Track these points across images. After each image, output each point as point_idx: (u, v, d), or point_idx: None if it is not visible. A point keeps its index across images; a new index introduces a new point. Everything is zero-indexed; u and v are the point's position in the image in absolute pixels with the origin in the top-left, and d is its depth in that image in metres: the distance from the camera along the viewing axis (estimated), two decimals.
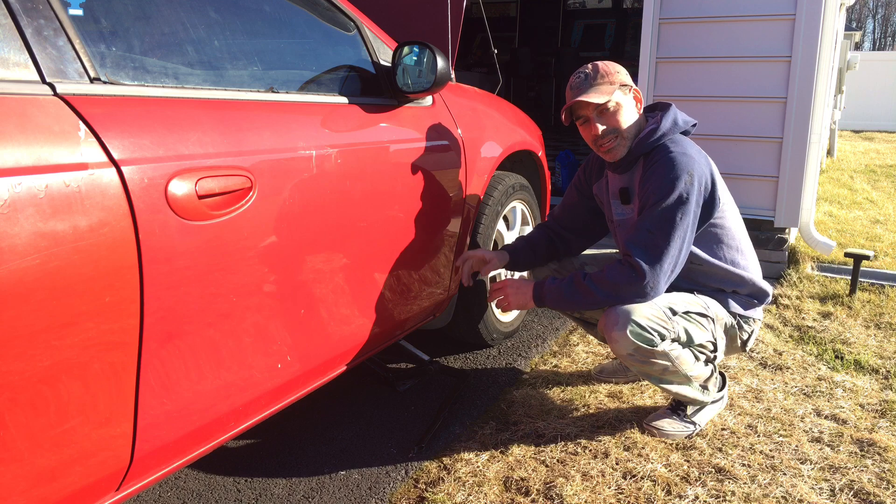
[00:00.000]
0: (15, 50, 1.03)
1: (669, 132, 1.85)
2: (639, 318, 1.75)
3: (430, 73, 1.87)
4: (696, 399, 1.94)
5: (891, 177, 7.26)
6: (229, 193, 1.30)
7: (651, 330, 1.76)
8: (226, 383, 1.38)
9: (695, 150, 1.85)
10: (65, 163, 1.02)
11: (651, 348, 1.77)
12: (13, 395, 0.98)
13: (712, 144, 3.55)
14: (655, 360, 1.80)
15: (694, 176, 1.77)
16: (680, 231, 1.76)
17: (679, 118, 1.89)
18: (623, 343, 1.77)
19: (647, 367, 1.82)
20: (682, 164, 1.77)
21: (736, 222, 1.94)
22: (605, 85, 1.83)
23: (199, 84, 1.36)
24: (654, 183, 1.79)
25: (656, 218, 1.77)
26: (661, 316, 1.78)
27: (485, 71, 7.57)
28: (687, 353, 1.85)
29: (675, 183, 1.76)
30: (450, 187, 2.09)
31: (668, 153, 1.80)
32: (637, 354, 1.79)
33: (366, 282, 1.77)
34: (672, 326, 1.79)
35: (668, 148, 1.82)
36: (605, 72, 1.85)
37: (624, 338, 1.76)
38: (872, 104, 14.48)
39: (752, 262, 1.98)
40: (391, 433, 2.01)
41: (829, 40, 3.27)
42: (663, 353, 1.79)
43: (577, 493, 1.69)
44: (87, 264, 1.05)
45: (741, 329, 1.96)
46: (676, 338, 1.81)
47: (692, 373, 1.87)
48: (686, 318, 1.83)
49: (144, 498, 1.71)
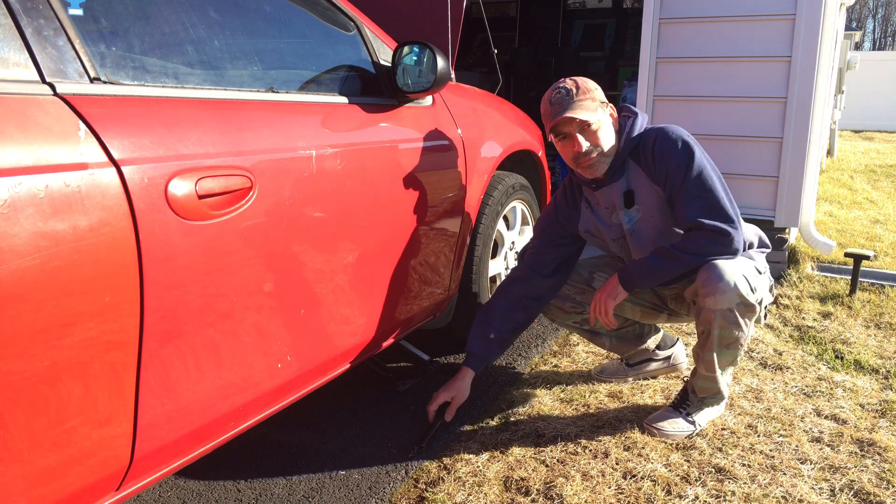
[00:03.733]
0: (15, 50, 1.03)
1: (646, 123, 1.93)
2: (740, 273, 1.78)
3: (430, 73, 1.87)
4: (722, 392, 1.96)
5: (891, 177, 7.26)
6: (229, 193, 1.30)
7: (753, 284, 1.80)
8: (226, 383, 1.38)
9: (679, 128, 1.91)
10: (65, 163, 1.02)
11: (753, 303, 1.79)
12: (13, 395, 0.98)
13: (712, 144, 3.55)
14: (748, 320, 1.82)
15: (687, 138, 1.85)
16: (720, 183, 1.83)
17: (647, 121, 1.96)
18: (729, 296, 1.76)
19: (732, 330, 1.82)
20: (676, 135, 1.84)
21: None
22: (588, 101, 1.83)
23: (199, 84, 1.36)
24: (670, 159, 1.83)
25: (696, 185, 1.81)
26: (753, 274, 1.83)
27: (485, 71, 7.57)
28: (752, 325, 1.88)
29: (686, 148, 1.82)
30: (450, 187, 2.09)
31: (658, 131, 1.87)
32: (738, 310, 1.79)
33: (366, 282, 1.77)
34: (762, 283, 1.84)
35: (652, 133, 1.87)
36: (585, 88, 1.84)
37: (731, 289, 1.76)
38: (872, 104, 14.48)
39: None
40: (391, 433, 2.01)
41: (829, 40, 3.27)
42: (755, 312, 1.82)
43: (577, 493, 1.69)
44: (87, 264, 1.05)
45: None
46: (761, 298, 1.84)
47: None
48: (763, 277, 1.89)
49: (144, 498, 1.71)
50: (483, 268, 2.41)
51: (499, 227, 2.51)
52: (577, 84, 1.85)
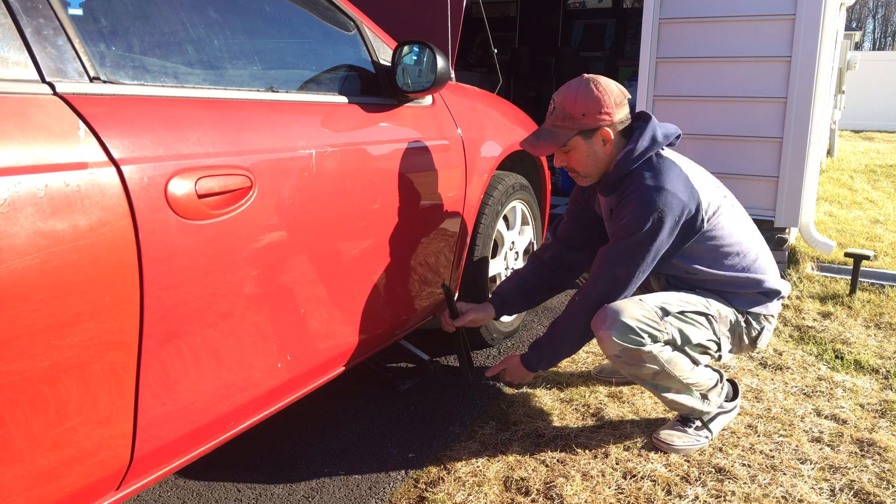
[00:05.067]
0: (14, 49, 1.03)
1: (646, 152, 1.77)
2: (627, 318, 1.72)
3: (429, 73, 1.87)
4: (695, 409, 1.87)
5: (891, 177, 7.26)
6: (229, 193, 1.30)
7: (640, 331, 1.72)
8: (226, 383, 1.38)
9: (673, 175, 1.75)
10: (64, 162, 1.02)
11: (638, 349, 1.72)
12: (13, 395, 0.98)
13: (712, 144, 3.55)
14: (644, 363, 1.75)
15: (665, 212, 1.71)
16: (644, 264, 1.77)
17: (658, 133, 1.80)
18: (609, 343, 1.74)
19: (636, 370, 1.78)
20: (652, 201, 1.72)
21: (735, 225, 1.86)
22: (563, 131, 1.79)
23: (199, 83, 1.36)
24: (624, 216, 1.76)
25: (619, 253, 1.78)
26: (651, 316, 1.74)
27: (485, 71, 7.57)
28: (681, 358, 1.79)
29: (642, 222, 1.72)
30: (450, 187, 2.09)
31: (640, 186, 1.75)
32: (624, 356, 1.75)
33: (365, 281, 1.77)
34: (664, 327, 1.75)
35: (643, 179, 1.75)
36: (569, 114, 1.78)
37: (609, 338, 1.73)
38: (872, 104, 14.48)
39: (759, 262, 1.88)
40: (391, 433, 2.01)
41: (829, 40, 3.27)
42: (651, 356, 1.74)
43: (577, 493, 1.69)
44: (87, 264, 1.04)
45: (749, 326, 1.89)
46: (670, 340, 1.76)
47: (690, 380, 1.81)
48: (680, 318, 1.78)
49: (144, 498, 1.71)
50: (483, 267, 2.40)
51: (499, 227, 2.50)
52: (564, 109, 1.78)
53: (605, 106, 1.77)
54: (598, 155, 1.82)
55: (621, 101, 1.80)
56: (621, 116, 1.80)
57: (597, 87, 1.77)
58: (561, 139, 1.80)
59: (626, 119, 1.83)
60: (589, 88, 1.77)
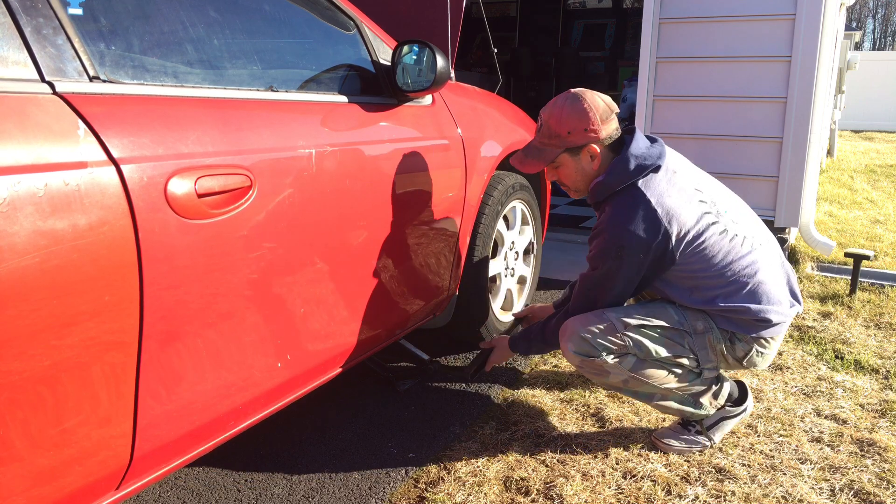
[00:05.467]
0: (14, 48, 1.03)
1: (620, 181, 1.75)
2: (584, 331, 1.76)
3: (429, 72, 1.87)
4: (686, 412, 1.85)
5: (891, 177, 7.27)
6: (229, 192, 1.29)
7: (594, 344, 1.75)
8: (225, 382, 1.38)
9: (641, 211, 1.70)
10: (64, 161, 1.02)
11: (593, 360, 1.76)
12: (13, 394, 0.98)
13: (712, 144, 3.55)
14: (608, 373, 1.77)
15: (626, 249, 1.71)
16: (614, 292, 1.80)
17: (633, 163, 1.74)
18: (569, 355, 1.80)
19: (603, 379, 1.81)
20: (615, 238, 1.72)
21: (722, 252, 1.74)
22: (550, 149, 1.80)
23: (199, 83, 1.36)
24: (591, 249, 1.81)
25: (590, 282, 1.84)
26: (607, 329, 1.76)
27: (485, 71, 7.57)
28: (652, 366, 1.78)
29: (605, 257, 1.75)
30: (449, 186, 2.09)
31: (609, 219, 1.75)
32: (585, 367, 1.79)
33: (365, 281, 1.77)
34: (619, 339, 1.75)
35: (614, 211, 1.75)
36: (555, 132, 1.78)
37: (568, 350, 1.79)
38: (872, 104, 14.49)
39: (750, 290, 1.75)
40: (391, 433, 2.00)
41: (829, 40, 3.27)
42: (612, 366, 1.76)
43: (577, 493, 1.69)
44: (87, 263, 1.04)
45: (733, 345, 1.79)
46: (629, 351, 1.76)
47: (668, 385, 1.80)
48: (641, 332, 1.76)
49: (144, 497, 1.70)
50: (483, 267, 2.40)
51: (499, 227, 2.50)
52: (551, 127, 1.78)
53: (591, 123, 1.75)
54: (587, 170, 1.83)
55: (608, 116, 1.78)
56: (609, 131, 1.78)
57: (582, 104, 1.75)
58: (548, 157, 1.81)
59: (614, 133, 1.80)
60: (575, 105, 1.76)
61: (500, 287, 2.61)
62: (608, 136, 1.79)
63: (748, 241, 1.78)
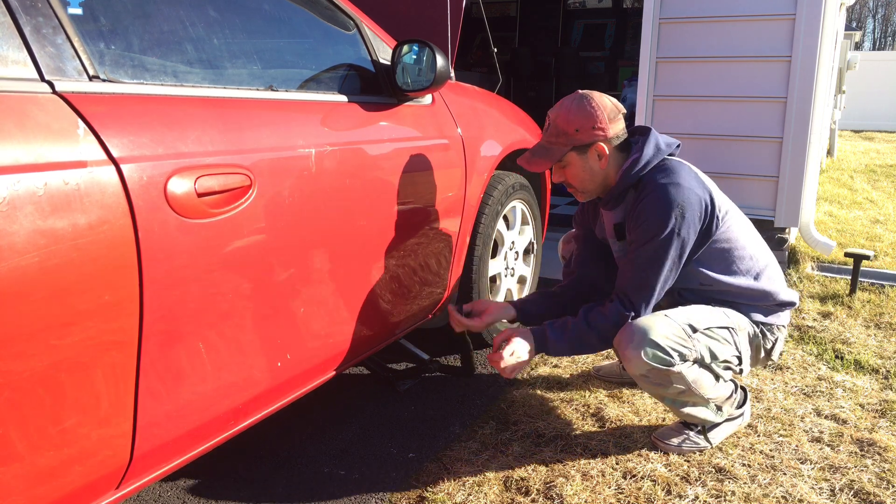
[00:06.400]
0: (14, 48, 1.03)
1: (654, 158, 1.78)
2: (656, 336, 1.67)
3: (429, 72, 1.87)
4: (708, 420, 1.85)
5: (891, 177, 7.27)
6: (228, 192, 1.29)
7: (670, 350, 1.67)
8: (225, 382, 1.38)
9: (685, 172, 1.76)
10: (64, 161, 1.02)
11: (667, 369, 1.68)
12: (13, 394, 0.98)
13: (712, 144, 3.55)
14: (672, 383, 1.72)
15: (686, 207, 1.71)
16: (668, 267, 1.75)
17: (661, 142, 1.81)
18: (637, 363, 1.69)
19: (661, 390, 1.75)
20: (671, 198, 1.71)
21: (742, 229, 1.85)
22: (558, 147, 1.80)
23: (199, 82, 1.36)
24: (644, 219, 1.74)
25: (646, 258, 1.75)
26: (680, 334, 1.70)
27: (485, 71, 7.57)
28: (706, 375, 1.76)
29: (665, 220, 1.71)
30: (449, 186, 2.09)
31: (656, 186, 1.74)
32: (651, 376, 1.70)
33: (365, 280, 1.77)
34: (693, 345, 1.71)
35: (657, 179, 1.75)
36: (563, 130, 1.78)
37: (638, 358, 1.67)
38: (872, 104, 14.49)
39: (769, 270, 1.86)
40: (391, 433, 2.00)
41: (829, 40, 3.27)
42: (680, 376, 1.70)
43: (577, 493, 1.69)
44: (87, 263, 1.04)
45: (765, 338, 1.86)
46: (699, 358, 1.72)
47: (711, 395, 1.79)
48: (708, 335, 1.74)
49: (144, 497, 1.70)
50: (483, 267, 2.40)
51: (499, 227, 2.50)
52: (558, 125, 1.79)
53: (598, 121, 1.77)
54: (594, 170, 1.82)
55: (615, 115, 1.79)
56: (616, 131, 1.80)
57: (590, 102, 1.78)
58: (555, 155, 1.81)
59: (621, 133, 1.82)
60: (582, 104, 1.78)
61: (500, 287, 2.61)
62: (615, 136, 1.80)
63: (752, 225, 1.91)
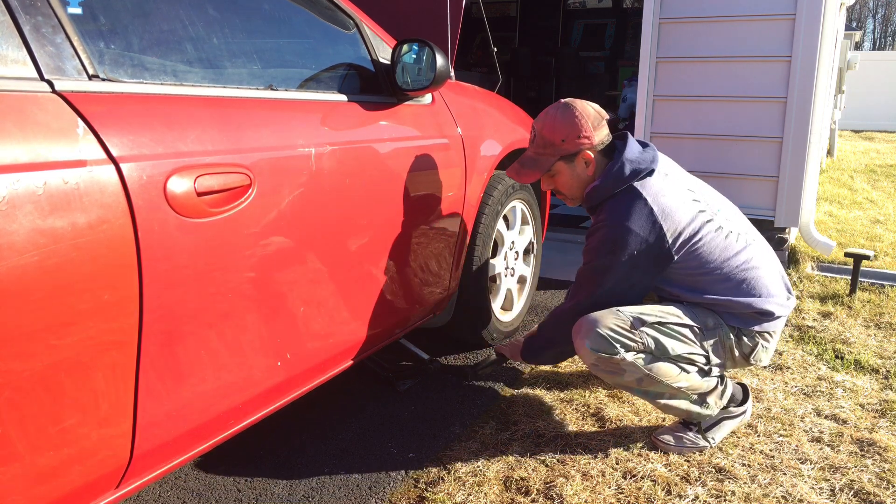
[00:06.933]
0: (13, 47, 1.03)
1: (616, 185, 1.80)
2: (601, 328, 1.74)
3: (429, 71, 1.87)
4: (693, 412, 1.85)
5: (891, 177, 7.27)
6: (228, 191, 1.29)
7: (612, 340, 1.73)
8: (225, 381, 1.37)
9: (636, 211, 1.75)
10: (63, 160, 1.02)
11: (611, 357, 1.74)
12: (13, 394, 0.98)
13: (712, 144, 3.55)
14: (624, 371, 1.76)
15: (620, 245, 1.75)
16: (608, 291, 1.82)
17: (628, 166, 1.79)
18: (585, 353, 1.77)
19: (617, 378, 1.79)
20: (607, 236, 1.78)
21: (719, 249, 1.80)
22: (545, 158, 1.85)
23: (199, 81, 1.36)
24: (588, 244, 1.85)
25: (585, 276, 1.87)
26: (625, 326, 1.75)
27: (485, 71, 7.57)
28: (666, 366, 1.78)
29: (599, 251, 1.80)
30: (449, 186, 2.09)
31: (601, 220, 1.82)
32: (600, 364, 1.77)
33: (365, 280, 1.77)
34: (638, 337, 1.75)
35: (607, 212, 1.81)
36: (549, 141, 1.83)
37: (584, 347, 1.76)
38: (872, 104, 14.48)
39: (750, 284, 1.82)
40: (391, 433, 2.00)
41: (829, 40, 3.27)
42: (628, 363, 1.74)
43: (577, 493, 1.69)
44: (86, 262, 1.04)
45: (740, 342, 1.84)
46: (645, 349, 1.75)
47: (679, 384, 1.79)
48: (657, 329, 1.76)
49: (144, 497, 1.70)
50: (483, 267, 2.40)
51: (499, 227, 2.50)
52: (545, 137, 1.83)
53: (583, 130, 1.82)
54: (582, 177, 1.88)
55: (599, 122, 1.85)
56: (601, 138, 1.85)
57: (573, 111, 1.83)
58: (544, 166, 1.86)
59: (606, 139, 1.87)
60: (566, 115, 1.83)
61: (500, 287, 2.60)
62: (600, 142, 1.86)
63: (742, 238, 1.86)
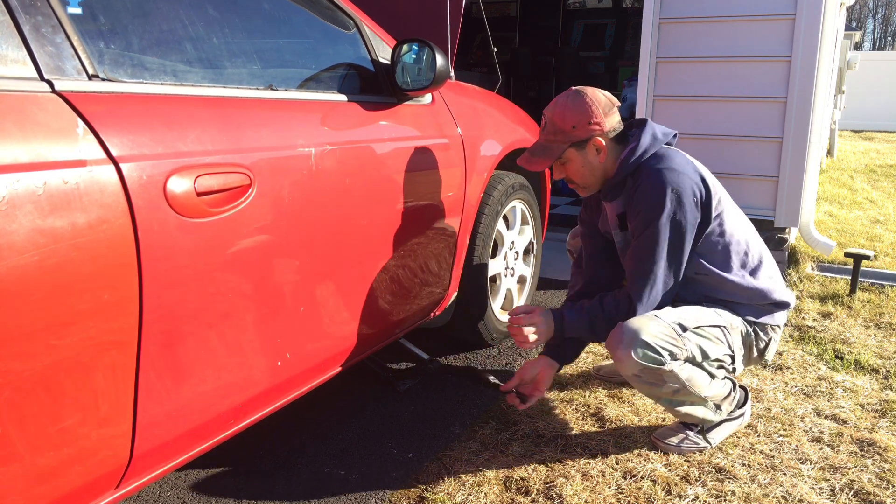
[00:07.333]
0: (13, 47, 1.03)
1: (650, 147, 1.80)
2: (646, 336, 1.67)
3: (429, 71, 1.87)
4: (707, 419, 1.84)
5: (891, 177, 7.27)
6: (228, 191, 1.29)
7: (660, 349, 1.67)
8: (225, 381, 1.37)
9: (680, 159, 1.78)
10: (63, 160, 1.02)
11: (659, 368, 1.68)
12: (12, 394, 0.98)
13: (712, 144, 3.55)
14: (665, 382, 1.72)
15: (681, 191, 1.72)
16: (671, 252, 1.75)
17: (658, 132, 1.83)
18: (628, 363, 1.69)
19: (655, 390, 1.75)
20: (665, 181, 1.73)
21: (740, 227, 1.85)
22: (556, 145, 1.81)
23: (198, 81, 1.36)
24: (640, 205, 1.76)
25: (646, 244, 1.76)
26: (670, 333, 1.70)
27: (485, 71, 7.57)
28: (700, 373, 1.76)
29: (660, 203, 1.72)
30: (449, 186, 2.09)
31: (651, 171, 1.76)
32: (644, 376, 1.71)
33: (365, 280, 1.77)
34: (683, 344, 1.70)
35: (651, 165, 1.77)
36: (560, 128, 1.80)
37: (629, 358, 1.68)
38: (872, 104, 14.49)
39: (764, 267, 1.87)
40: (391, 433, 2.00)
41: (829, 40, 3.27)
42: (672, 374, 1.70)
43: (577, 493, 1.69)
44: (86, 262, 1.04)
45: (758, 337, 1.86)
46: (690, 357, 1.72)
47: (707, 393, 1.78)
48: (698, 333, 1.74)
49: (144, 497, 1.70)
50: (483, 267, 2.40)
51: (498, 227, 2.50)
52: (555, 123, 1.80)
53: (593, 116, 1.78)
54: (594, 164, 1.84)
55: (610, 109, 1.81)
56: (612, 124, 1.82)
57: (584, 98, 1.79)
58: (555, 153, 1.82)
59: (617, 126, 1.84)
60: (576, 101, 1.80)
61: (500, 287, 2.60)
62: (612, 129, 1.83)
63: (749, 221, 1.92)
